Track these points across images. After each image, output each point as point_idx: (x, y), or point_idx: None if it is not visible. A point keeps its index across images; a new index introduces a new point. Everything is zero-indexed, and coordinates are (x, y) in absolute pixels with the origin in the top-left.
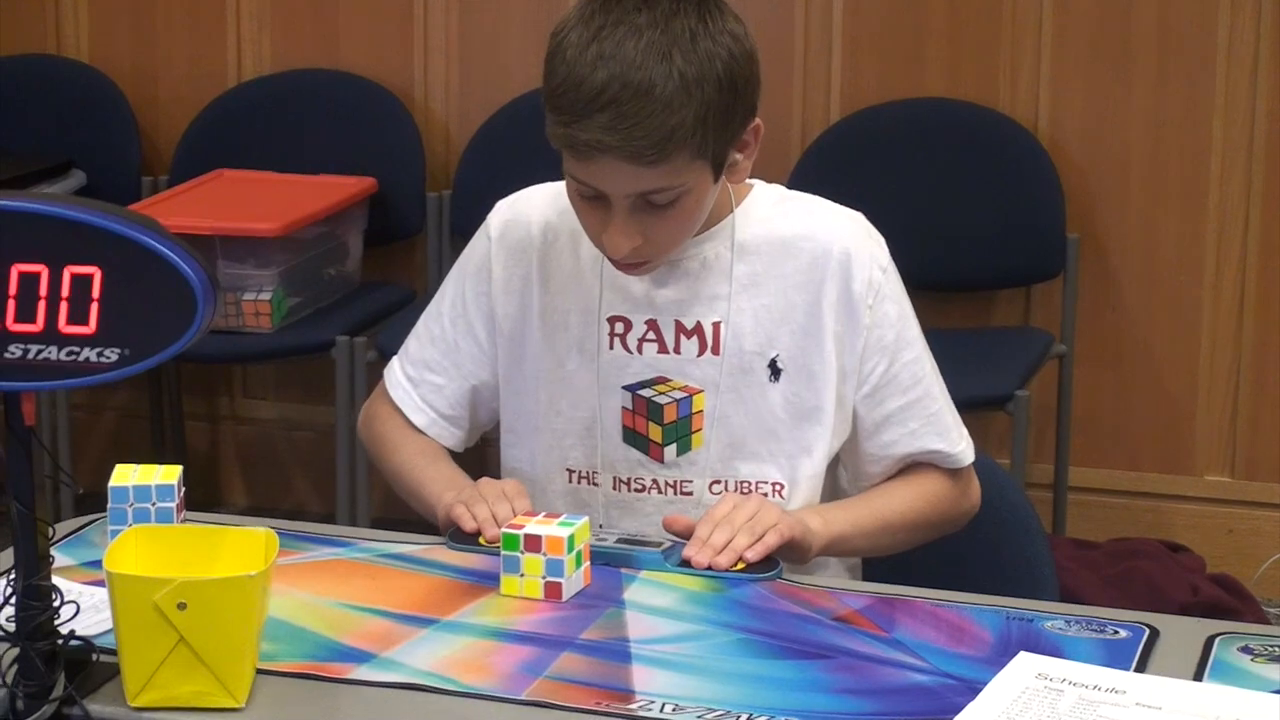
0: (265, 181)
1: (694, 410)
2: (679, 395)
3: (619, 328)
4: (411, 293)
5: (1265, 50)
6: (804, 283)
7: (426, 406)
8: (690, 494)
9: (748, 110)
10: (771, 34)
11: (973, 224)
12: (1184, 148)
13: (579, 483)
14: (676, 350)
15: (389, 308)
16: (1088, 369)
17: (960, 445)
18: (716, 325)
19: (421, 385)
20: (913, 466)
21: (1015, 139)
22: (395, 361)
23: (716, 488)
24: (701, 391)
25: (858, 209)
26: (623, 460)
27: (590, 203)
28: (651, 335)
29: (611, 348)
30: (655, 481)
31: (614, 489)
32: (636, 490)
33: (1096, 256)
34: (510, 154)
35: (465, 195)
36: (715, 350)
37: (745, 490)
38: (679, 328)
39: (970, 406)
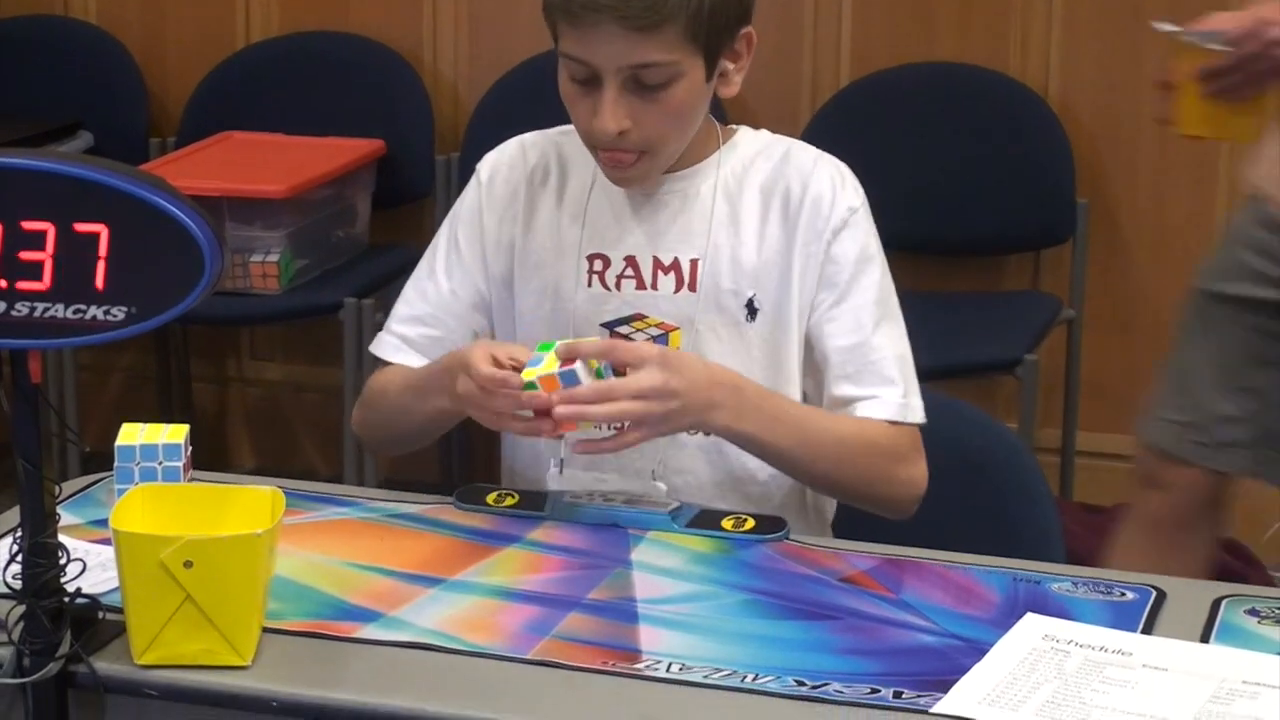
0: (273, 143)
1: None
2: (655, 332)
3: (598, 265)
4: (420, 255)
5: None
6: (780, 224)
7: (421, 356)
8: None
9: (743, 9)
10: None
11: (982, 188)
12: None
13: None
14: (654, 286)
15: (397, 270)
16: (1096, 334)
17: (894, 398)
18: (694, 262)
19: (417, 341)
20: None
21: (1025, 103)
22: (382, 334)
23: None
24: (678, 329)
25: (866, 173)
26: None
27: (582, 88)
28: (630, 272)
29: (590, 285)
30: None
31: (593, 427)
32: (614, 429)
33: (1106, 221)
34: (519, 116)
35: (474, 158)
36: (692, 287)
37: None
38: (656, 263)
39: (979, 371)
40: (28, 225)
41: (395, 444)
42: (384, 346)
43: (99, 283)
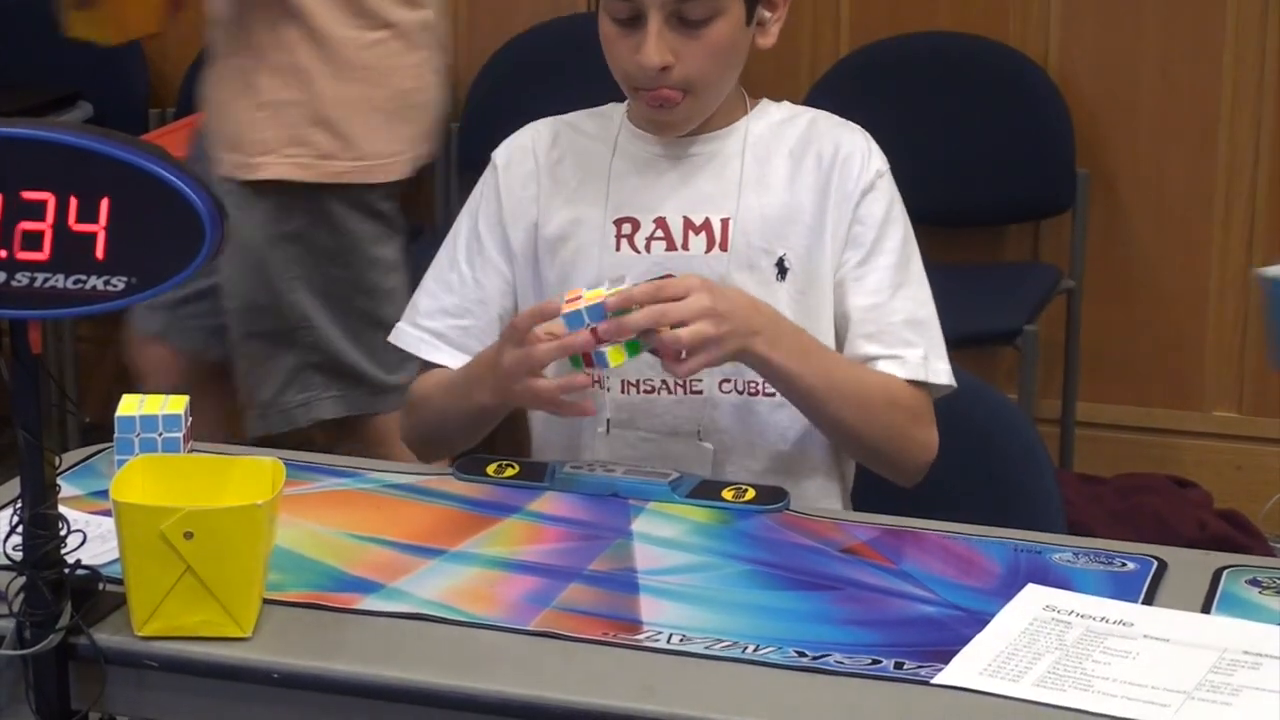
0: None
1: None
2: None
3: (626, 228)
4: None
5: None
6: (811, 185)
7: (459, 351)
8: (700, 392)
9: None
10: None
11: (982, 159)
12: (1194, 83)
13: None
14: (685, 247)
15: None
16: (1096, 304)
17: (915, 358)
18: (725, 221)
19: (448, 334)
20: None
21: (1025, 73)
22: (405, 325)
23: (726, 386)
24: None
25: None
26: (630, 362)
27: (623, 28)
28: (660, 233)
29: (619, 249)
30: (665, 382)
31: (622, 392)
32: (646, 392)
33: (1106, 192)
34: (518, 87)
35: (473, 129)
36: (724, 246)
37: (753, 392)
38: (687, 224)
39: (979, 341)
40: (28, 195)
41: (443, 448)
42: (414, 342)
43: (99, 253)
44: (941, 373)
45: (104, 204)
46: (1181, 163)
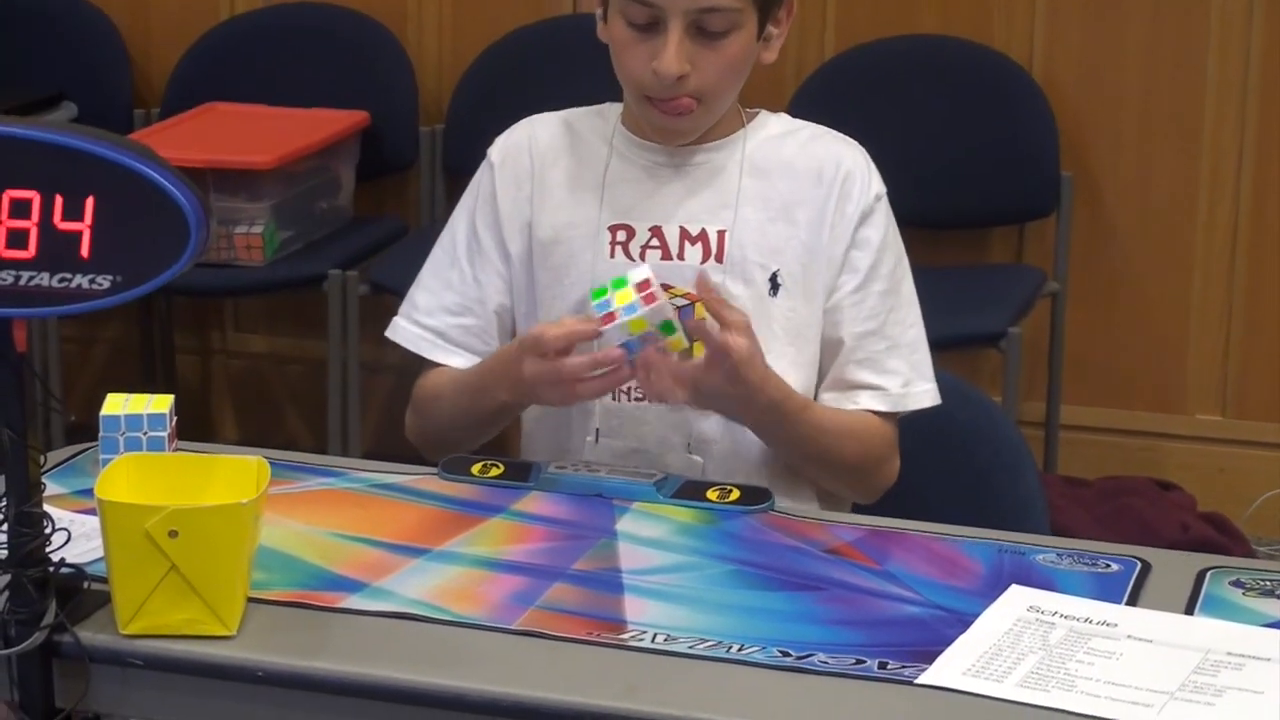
0: (257, 114)
1: (695, 318)
2: (681, 302)
3: (621, 235)
4: (404, 226)
5: None
6: (808, 203)
7: (461, 349)
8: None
9: None
10: None
11: (966, 161)
12: (1178, 85)
13: None
14: (680, 256)
15: (381, 241)
16: (1080, 307)
17: (895, 388)
18: (721, 234)
19: (451, 334)
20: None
21: (1009, 76)
22: (403, 322)
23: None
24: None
25: None
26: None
27: (639, 34)
28: (655, 242)
29: (613, 256)
30: None
31: (613, 399)
32: (636, 399)
33: (1090, 194)
34: (503, 87)
35: (458, 129)
36: (719, 258)
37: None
38: (684, 234)
39: (962, 344)
40: (13, 193)
41: (454, 446)
42: (415, 339)
43: (84, 251)
44: (924, 395)
45: (89, 202)
46: (1165, 166)
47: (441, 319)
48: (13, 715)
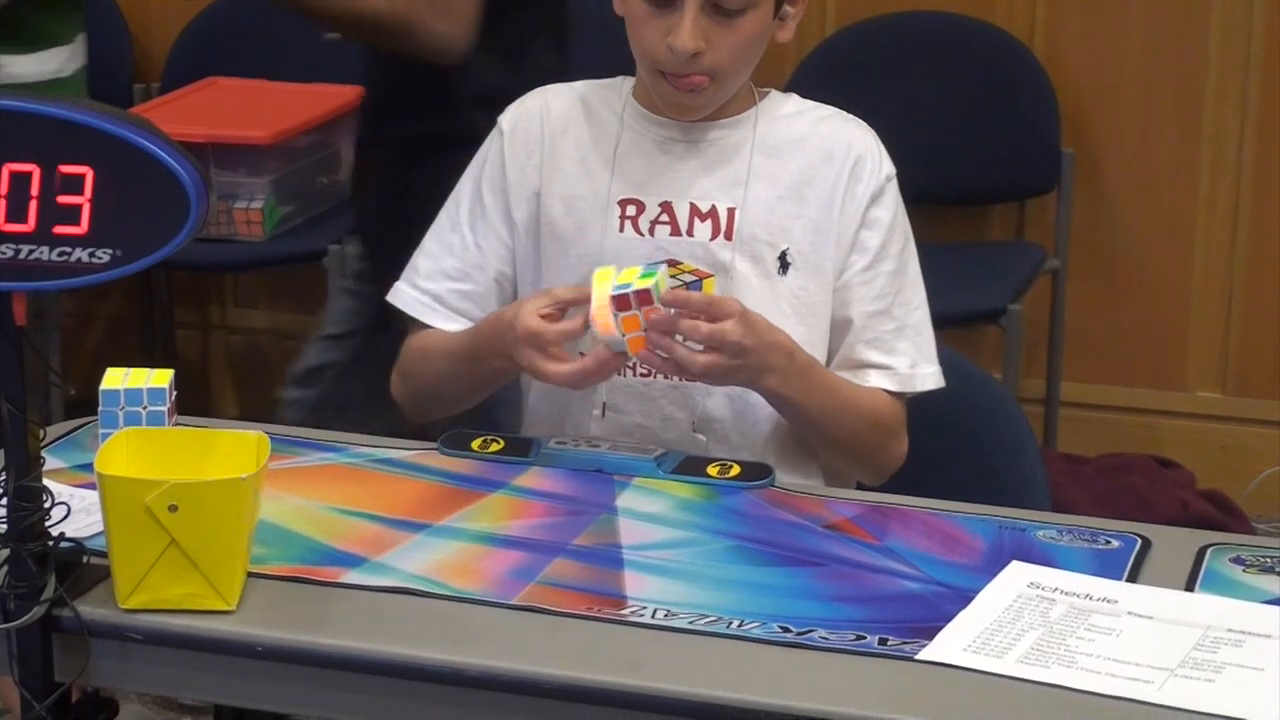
0: (257, 89)
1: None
2: (689, 278)
3: (630, 210)
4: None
5: None
6: (818, 182)
7: (456, 314)
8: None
9: None
10: None
11: (968, 138)
12: (1180, 63)
13: None
14: (690, 233)
15: None
16: (1081, 284)
17: (903, 368)
18: (731, 211)
19: (447, 297)
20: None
21: (1011, 53)
22: (404, 286)
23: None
24: (712, 276)
25: None
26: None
27: (655, 10)
28: (665, 217)
29: (622, 230)
30: None
31: (619, 375)
32: (643, 374)
33: (1091, 172)
34: None
35: None
36: (729, 236)
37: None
38: (694, 210)
39: (963, 320)
40: (13, 167)
41: (443, 409)
42: (412, 303)
43: (84, 225)
44: (929, 377)
45: (89, 176)
46: (1167, 143)
47: (440, 283)
48: (13, 690)
